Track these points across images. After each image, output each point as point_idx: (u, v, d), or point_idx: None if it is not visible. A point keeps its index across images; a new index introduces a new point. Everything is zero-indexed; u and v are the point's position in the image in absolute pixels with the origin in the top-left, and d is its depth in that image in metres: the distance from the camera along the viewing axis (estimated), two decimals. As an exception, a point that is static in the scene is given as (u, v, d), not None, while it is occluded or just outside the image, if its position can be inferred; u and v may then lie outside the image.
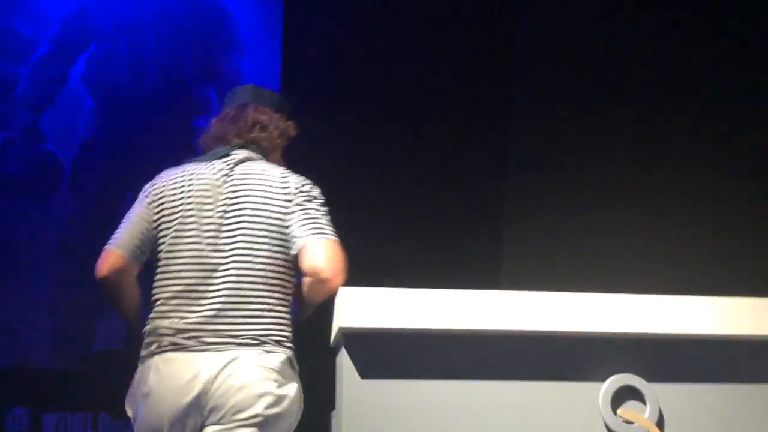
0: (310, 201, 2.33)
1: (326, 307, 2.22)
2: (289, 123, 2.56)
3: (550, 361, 2.04)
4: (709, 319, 2.06)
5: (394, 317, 1.96)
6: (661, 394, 2.04)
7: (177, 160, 4.37)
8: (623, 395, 2.03)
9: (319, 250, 2.22)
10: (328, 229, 2.28)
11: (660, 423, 2.02)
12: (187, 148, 4.47)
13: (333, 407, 2.15)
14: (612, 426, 1.99)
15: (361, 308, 1.96)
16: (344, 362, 1.99)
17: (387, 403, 1.96)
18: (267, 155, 2.47)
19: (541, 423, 1.99)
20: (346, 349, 1.99)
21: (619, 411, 2.01)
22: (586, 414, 2.01)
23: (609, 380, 2.03)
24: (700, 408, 2.06)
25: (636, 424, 2.00)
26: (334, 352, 2.15)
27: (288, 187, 2.33)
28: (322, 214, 2.32)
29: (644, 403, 2.02)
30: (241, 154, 2.42)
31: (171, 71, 4.70)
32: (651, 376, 2.04)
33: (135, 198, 2.45)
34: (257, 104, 2.51)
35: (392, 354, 1.99)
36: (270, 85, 4.51)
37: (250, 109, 2.49)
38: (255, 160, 2.42)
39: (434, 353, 2.00)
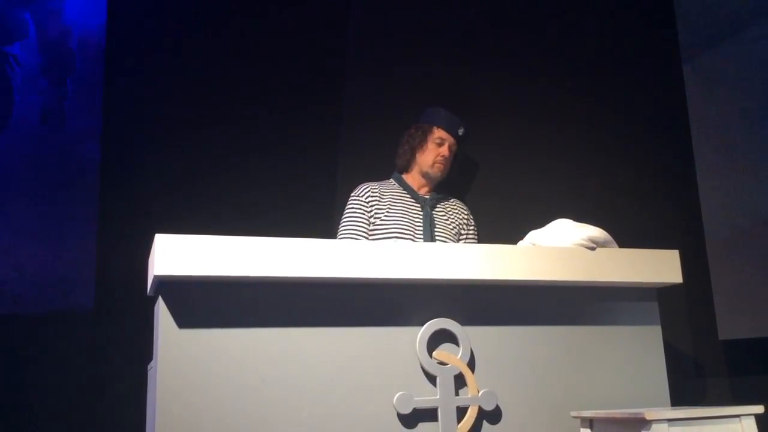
0: None
1: (143, 254, 2.12)
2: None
3: (370, 308, 2.08)
4: (516, 267, 2.18)
5: (212, 265, 1.90)
6: (473, 336, 2.15)
7: (-12, 90, 3.96)
8: (440, 338, 2.13)
9: None
10: None
11: (471, 363, 2.13)
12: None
13: (151, 359, 2.08)
14: (427, 367, 2.08)
15: (178, 256, 1.89)
16: (161, 312, 1.92)
17: (205, 353, 1.91)
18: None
19: (361, 368, 2.04)
20: (163, 298, 1.92)
21: (434, 353, 2.11)
22: (404, 357, 2.09)
23: (426, 325, 2.11)
24: (507, 348, 2.20)
25: (449, 365, 2.10)
26: (152, 301, 2.07)
27: None
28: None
29: (458, 345, 2.13)
30: None
31: (-22, -10, 4.21)
32: (464, 320, 2.15)
33: None
34: None
35: (210, 302, 1.95)
36: (95, 12, 4.17)
37: None
38: None
39: (254, 301, 1.98)
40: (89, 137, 4.03)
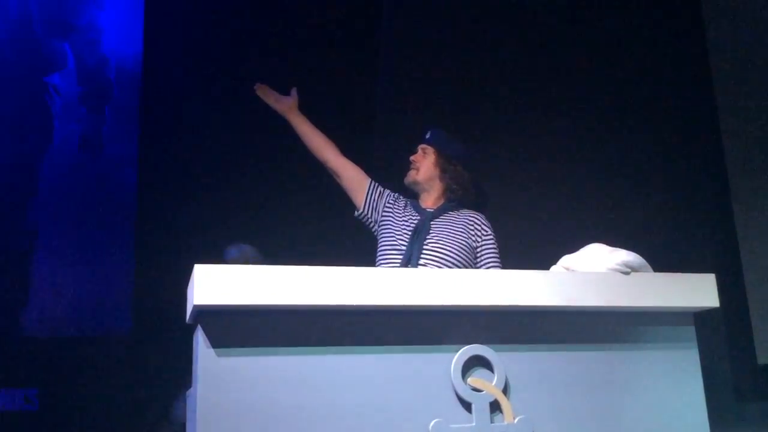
0: None
1: (182, 283, 2.16)
2: None
3: (404, 334, 2.09)
4: (550, 292, 2.18)
5: (249, 293, 1.94)
6: (507, 362, 2.15)
7: (28, 120, 4.09)
8: (473, 364, 2.13)
9: None
10: None
11: (506, 389, 2.13)
12: (37, 107, 4.19)
13: (190, 386, 2.12)
14: (462, 394, 2.09)
15: (216, 285, 1.92)
16: (200, 340, 1.95)
17: (243, 380, 1.94)
18: None
19: (395, 394, 2.05)
20: (202, 326, 1.96)
21: (468, 380, 2.11)
22: (438, 384, 2.09)
23: (460, 351, 2.12)
24: (542, 374, 2.19)
25: (484, 392, 2.10)
26: (191, 329, 2.10)
27: None
28: None
29: (492, 371, 2.13)
30: None
31: (18, 23, 4.34)
32: (499, 346, 2.15)
33: None
34: None
35: (248, 330, 1.98)
36: (131, 42, 4.28)
37: None
38: None
39: (289, 328, 2.01)
40: (127, 163, 4.13)
